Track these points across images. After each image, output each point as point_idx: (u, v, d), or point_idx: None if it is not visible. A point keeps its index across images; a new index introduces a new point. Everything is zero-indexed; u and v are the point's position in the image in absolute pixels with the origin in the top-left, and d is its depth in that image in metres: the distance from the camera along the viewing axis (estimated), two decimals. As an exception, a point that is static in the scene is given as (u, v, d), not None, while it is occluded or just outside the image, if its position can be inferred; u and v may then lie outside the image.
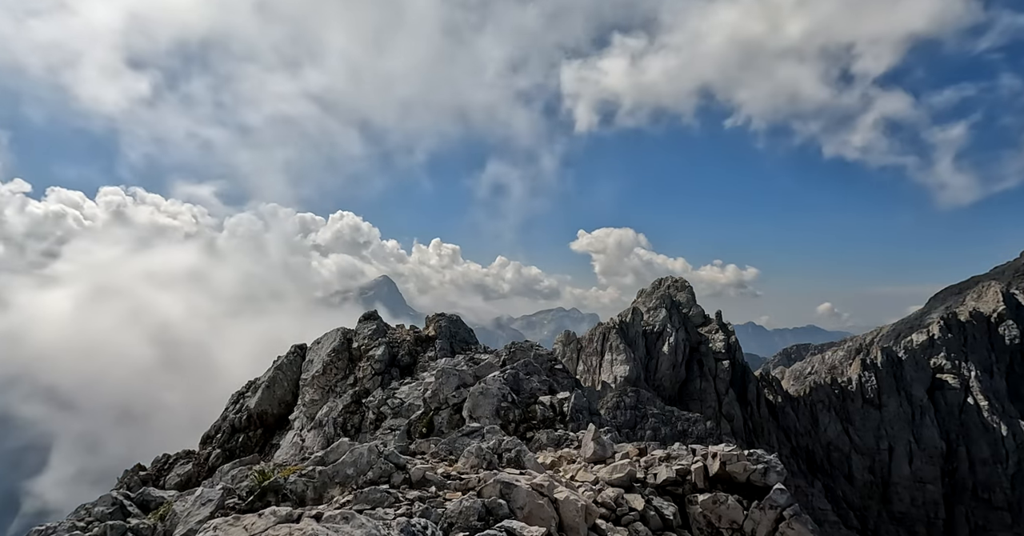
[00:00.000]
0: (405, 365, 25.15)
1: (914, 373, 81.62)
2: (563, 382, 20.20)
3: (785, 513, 8.35)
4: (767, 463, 9.03)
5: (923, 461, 75.89)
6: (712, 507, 8.67)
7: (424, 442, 12.67)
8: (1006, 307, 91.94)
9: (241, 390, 28.94)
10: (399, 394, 20.81)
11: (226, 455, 25.05)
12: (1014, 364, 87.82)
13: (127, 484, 24.51)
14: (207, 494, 8.41)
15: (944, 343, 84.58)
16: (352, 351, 26.19)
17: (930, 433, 77.37)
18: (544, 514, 7.44)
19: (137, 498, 10.25)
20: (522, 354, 21.19)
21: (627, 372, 73.68)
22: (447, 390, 17.05)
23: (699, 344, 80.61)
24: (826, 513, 65.55)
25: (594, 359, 79.81)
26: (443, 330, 27.16)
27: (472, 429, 12.96)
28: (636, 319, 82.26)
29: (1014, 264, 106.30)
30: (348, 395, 23.46)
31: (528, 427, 14.67)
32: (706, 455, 9.44)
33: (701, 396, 75.38)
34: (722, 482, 9.09)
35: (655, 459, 9.69)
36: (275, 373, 27.14)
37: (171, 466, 25.76)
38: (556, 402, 15.81)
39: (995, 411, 77.90)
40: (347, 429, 21.35)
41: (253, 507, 8.06)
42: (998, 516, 73.41)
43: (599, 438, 10.64)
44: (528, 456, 10.24)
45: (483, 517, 7.13)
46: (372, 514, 6.87)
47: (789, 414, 78.21)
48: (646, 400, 66.57)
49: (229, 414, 27.15)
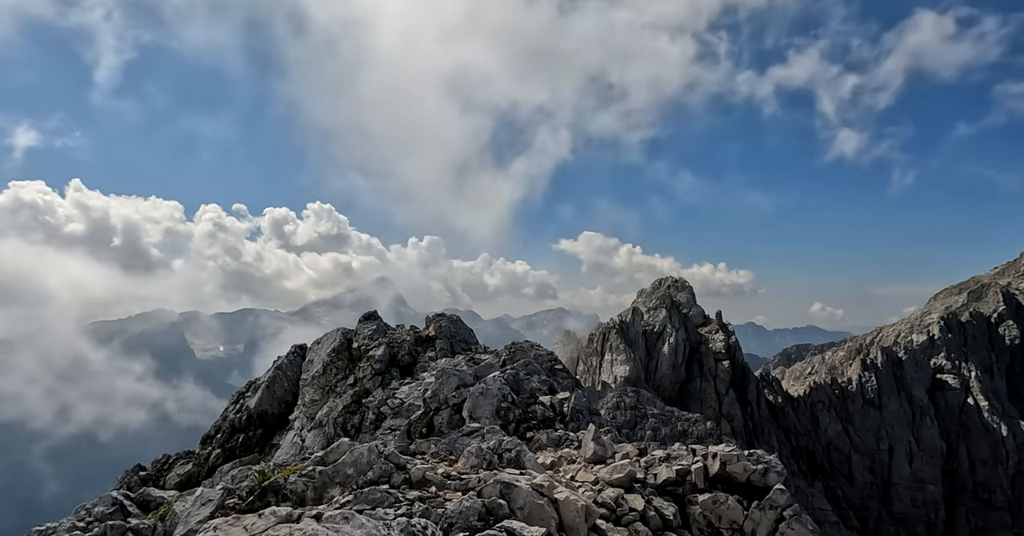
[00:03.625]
0: (405, 365, 25.16)
1: (914, 373, 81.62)
2: (563, 382, 20.20)
3: (785, 513, 8.35)
4: (767, 463, 9.03)
5: (923, 461, 75.89)
6: (712, 507, 8.66)
7: (424, 442, 12.67)
8: (1006, 307, 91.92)
9: (241, 390, 28.95)
10: (399, 394, 20.80)
11: (226, 455, 25.06)
12: (1014, 364, 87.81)
13: (127, 484, 24.52)
14: (207, 494, 8.41)
15: (944, 343, 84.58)
16: (352, 351, 26.20)
17: (930, 433, 77.37)
18: (544, 514, 7.43)
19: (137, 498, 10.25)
20: (522, 354, 21.20)
21: (627, 372, 73.70)
22: (447, 390, 17.04)
23: (699, 344, 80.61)
24: (826, 513, 65.56)
25: (594, 359, 79.83)
26: (443, 330, 27.17)
27: (472, 429, 12.95)
28: (636, 319, 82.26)
29: (1014, 264, 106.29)
30: (348, 395, 23.47)
31: (528, 427, 14.65)
32: (706, 455, 9.44)
33: (701, 396, 75.38)
34: (722, 482, 9.09)
35: (655, 459, 9.69)
36: (275, 373, 27.15)
37: (171, 466, 25.78)
38: (556, 402, 15.80)
39: (995, 411, 77.90)
40: (347, 429, 21.35)
41: (253, 507, 8.06)
42: (998, 516, 73.42)
43: (599, 438, 10.64)
44: (528, 456, 10.24)
45: (483, 517, 7.13)
46: (372, 514, 6.87)
47: (789, 414, 78.22)
48: (646, 400, 66.55)
49: (229, 414, 27.15)
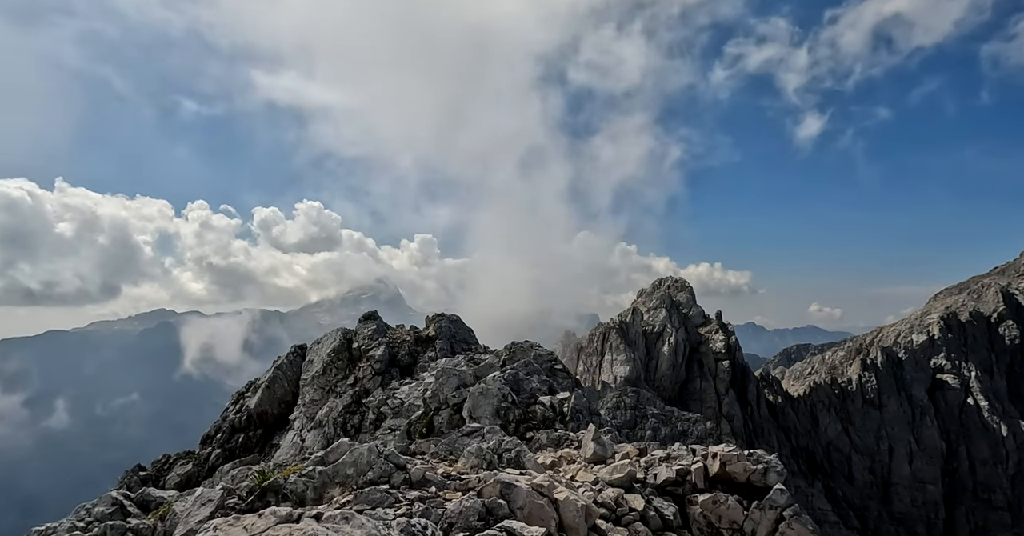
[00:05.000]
0: (405, 365, 25.15)
1: (914, 373, 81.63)
2: (563, 382, 20.20)
3: (785, 513, 8.34)
4: (767, 463, 9.03)
5: (923, 461, 75.90)
6: (712, 507, 8.66)
7: (424, 442, 12.67)
8: (1006, 307, 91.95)
9: (241, 390, 28.95)
10: (399, 394, 20.80)
11: (226, 455, 25.05)
12: (1014, 364, 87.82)
13: (127, 484, 24.51)
14: (207, 494, 8.41)
15: (944, 343, 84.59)
16: (352, 351, 26.19)
17: (930, 433, 77.38)
18: (544, 514, 7.43)
19: (137, 498, 10.24)
20: (522, 354, 21.20)
21: (627, 372, 73.69)
22: (447, 390, 17.04)
23: (699, 344, 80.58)
24: (826, 513, 65.56)
25: (594, 359, 79.82)
26: (443, 330, 27.18)
27: (472, 429, 12.95)
28: (636, 319, 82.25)
29: (1014, 264, 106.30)
30: (348, 395, 23.47)
31: (528, 427, 14.66)
32: (706, 455, 9.44)
33: (701, 396, 75.36)
34: (722, 482, 9.09)
35: (655, 459, 9.69)
36: (275, 373, 27.14)
37: (171, 466, 25.77)
38: (556, 402, 15.81)
39: (995, 411, 77.92)
40: (347, 429, 21.35)
41: (253, 507, 8.06)
42: (998, 516, 73.42)
43: (599, 438, 10.63)
44: (528, 456, 10.24)
45: (483, 517, 7.12)
46: (372, 514, 6.86)
47: (789, 414, 78.21)
48: (646, 400, 66.55)
49: (229, 414, 27.15)
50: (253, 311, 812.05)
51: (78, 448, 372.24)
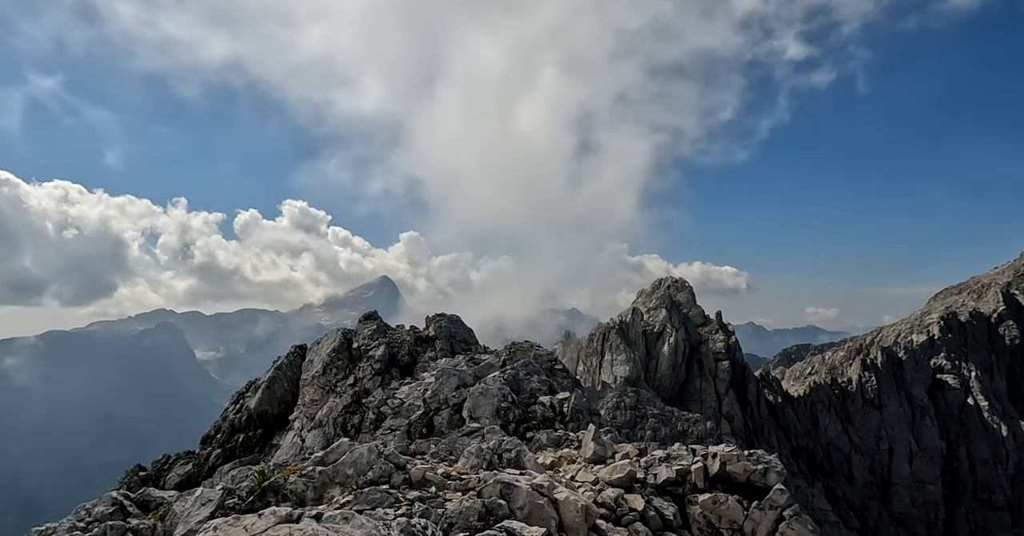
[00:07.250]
0: (405, 365, 25.15)
1: (914, 373, 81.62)
2: (563, 382, 20.20)
3: (785, 513, 8.35)
4: (767, 463, 9.03)
5: (923, 461, 75.89)
6: (712, 507, 8.66)
7: (424, 442, 12.68)
8: (1006, 307, 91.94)
9: (241, 390, 28.94)
10: (399, 394, 20.80)
11: (226, 455, 25.04)
12: (1014, 364, 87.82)
13: (127, 484, 24.50)
14: (207, 494, 8.42)
15: (944, 343, 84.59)
16: (352, 351, 26.19)
17: (930, 433, 77.37)
18: (544, 514, 7.43)
19: (137, 498, 10.25)
20: (522, 354, 21.20)
21: (627, 372, 73.65)
22: (447, 390, 17.05)
23: (699, 344, 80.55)
24: (826, 513, 65.55)
25: (594, 359, 79.77)
26: (443, 330, 27.17)
27: (472, 429, 12.96)
28: (636, 319, 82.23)
29: (1014, 264, 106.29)
30: (348, 395, 23.46)
31: (528, 427, 14.67)
32: (706, 455, 9.44)
33: (701, 396, 75.34)
34: (722, 482, 9.09)
35: (655, 459, 9.69)
36: (275, 373, 27.14)
37: (171, 466, 25.76)
38: (556, 402, 15.82)
39: (995, 411, 77.91)
40: (347, 429, 21.34)
41: (253, 507, 8.06)
42: (998, 516, 73.41)
43: (599, 438, 10.64)
44: (528, 456, 10.24)
45: (483, 517, 7.13)
46: (372, 514, 6.86)
47: (789, 414, 78.19)
48: (646, 400, 66.56)
49: (229, 414, 27.15)
50: (253, 311, 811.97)
51: (78, 448, 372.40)
